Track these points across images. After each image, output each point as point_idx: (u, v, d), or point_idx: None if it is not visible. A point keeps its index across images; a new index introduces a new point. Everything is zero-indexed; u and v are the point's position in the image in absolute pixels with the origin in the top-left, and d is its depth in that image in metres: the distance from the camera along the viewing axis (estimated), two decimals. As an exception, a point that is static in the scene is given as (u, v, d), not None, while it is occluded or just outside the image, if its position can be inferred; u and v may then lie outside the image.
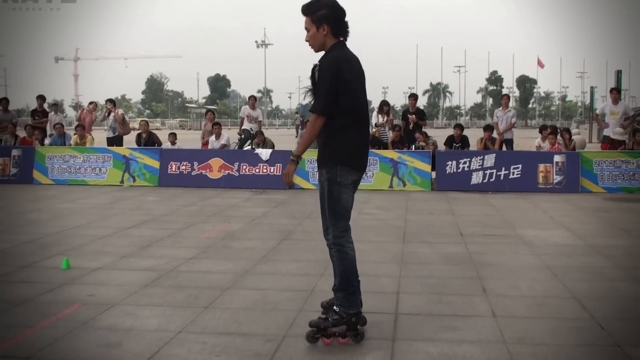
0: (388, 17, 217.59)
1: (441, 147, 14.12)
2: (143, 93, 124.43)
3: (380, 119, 14.84)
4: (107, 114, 15.94)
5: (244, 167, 13.26)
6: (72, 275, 5.70)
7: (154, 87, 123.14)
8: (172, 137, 15.36)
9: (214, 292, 5.14)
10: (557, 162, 12.50)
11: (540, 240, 7.43)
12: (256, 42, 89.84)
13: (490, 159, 12.69)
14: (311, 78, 4.03)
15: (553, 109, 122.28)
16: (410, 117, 14.61)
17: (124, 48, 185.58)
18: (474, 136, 15.77)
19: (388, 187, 12.79)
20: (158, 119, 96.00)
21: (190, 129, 75.14)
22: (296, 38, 4.06)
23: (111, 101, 16.25)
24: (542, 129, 14.63)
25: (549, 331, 4.23)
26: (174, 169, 13.49)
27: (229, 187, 13.01)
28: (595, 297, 5.06)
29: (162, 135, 17.54)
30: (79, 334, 4.18)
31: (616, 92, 14.74)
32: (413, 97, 15.37)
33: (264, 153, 13.38)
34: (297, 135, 33.59)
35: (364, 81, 4.13)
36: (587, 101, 68.78)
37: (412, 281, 5.54)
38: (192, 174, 13.39)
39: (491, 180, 12.60)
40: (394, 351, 3.87)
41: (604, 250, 6.90)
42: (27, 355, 3.80)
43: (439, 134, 20.09)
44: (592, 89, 43.40)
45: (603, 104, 18.10)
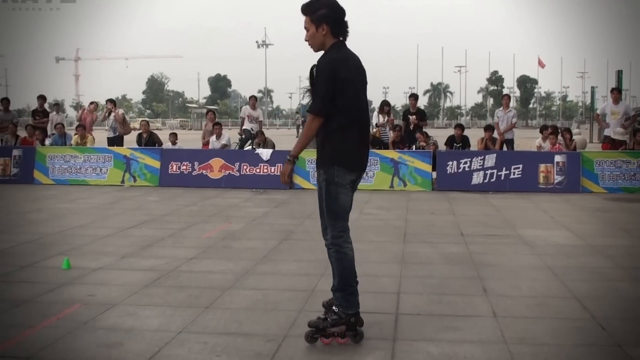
0: (388, 17, 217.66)
1: (442, 147, 14.11)
2: (144, 93, 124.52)
3: (380, 119, 14.85)
4: (107, 114, 15.94)
5: (245, 167, 13.27)
6: (72, 275, 5.70)
7: (155, 87, 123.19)
8: (173, 137, 15.38)
9: (214, 292, 5.14)
10: (557, 162, 12.50)
11: (541, 241, 7.43)
12: (257, 42, 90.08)
13: (491, 159, 12.68)
14: (309, 79, 4.03)
15: (554, 109, 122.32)
16: (411, 118, 14.61)
17: (124, 48, 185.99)
18: (474, 136, 15.77)
19: (389, 187, 12.79)
20: (159, 119, 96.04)
21: (191, 129, 75.18)
22: (297, 38, 4.05)
23: (111, 101, 16.26)
24: (542, 129, 14.63)
25: (549, 331, 4.23)
26: (174, 169, 13.50)
27: (229, 187, 13.01)
28: (595, 297, 5.06)
29: (163, 135, 17.54)
30: (79, 334, 4.18)
31: (617, 92, 14.73)
32: (413, 97, 15.39)
33: (265, 153, 13.38)
34: (298, 135, 33.60)
35: (364, 81, 4.10)
36: (588, 101, 68.71)
37: (413, 281, 5.54)
38: (193, 174, 13.39)
39: (492, 180, 12.59)
40: (394, 351, 3.87)
41: (604, 250, 6.90)
42: (28, 356, 3.80)
43: (439, 134, 20.06)
44: (592, 89, 43.34)
45: (604, 104, 18.10)
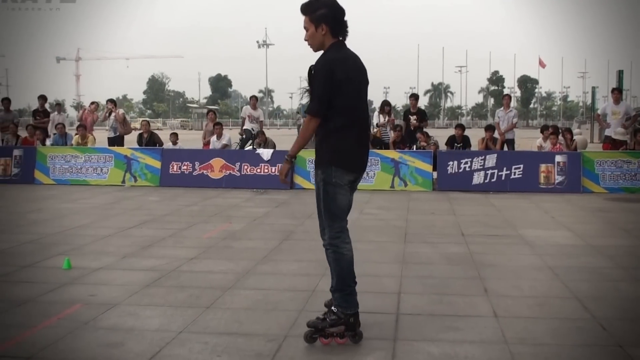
0: (389, 17, 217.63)
1: (442, 147, 14.11)
2: (144, 93, 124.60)
3: (381, 119, 14.85)
4: (107, 114, 15.95)
5: (245, 167, 13.27)
6: (73, 275, 5.70)
7: (156, 87, 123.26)
8: (174, 137, 15.39)
9: (215, 292, 5.14)
10: (558, 162, 12.49)
11: (541, 241, 7.43)
12: (257, 42, 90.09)
13: (491, 159, 12.68)
14: (308, 79, 4.03)
15: (554, 109, 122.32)
16: (412, 123, 14.58)
17: (125, 48, 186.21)
18: (475, 136, 15.77)
19: (389, 187, 12.79)
20: (159, 119, 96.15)
21: (192, 129, 75.26)
22: (297, 38, 4.04)
23: (112, 101, 16.27)
24: (543, 129, 14.63)
25: (550, 331, 4.23)
26: (175, 169, 13.50)
27: (230, 187, 13.01)
28: (596, 297, 5.06)
29: (164, 135, 17.54)
30: (80, 334, 4.18)
31: (618, 92, 14.72)
32: (414, 97, 15.37)
33: (265, 153, 13.38)
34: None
35: (364, 80, 4.09)
36: (589, 101, 68.78)
37: (414, 281, 5.53)
38: (194, 174, 13.40)
39: (492, 180, 12.59)
40: (395, 351, 3.87)
41: (605, 250, 6.89)
42: (29, 355, 3.80)
43: (440, 134, 20.07)
44: (593, 89, 43.28)
45: (604, 104, 18.09)
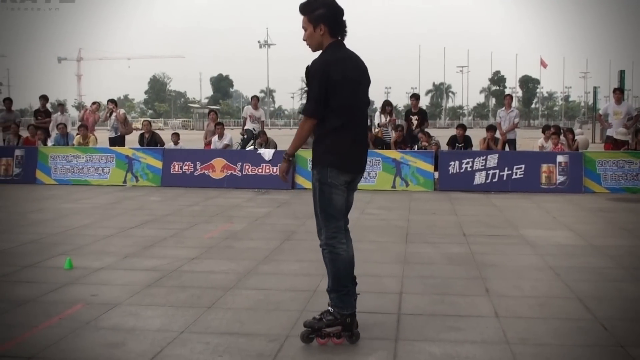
0: (390, 17, 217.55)
1: (444, 147, 14.11)
2: (146, 93, 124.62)
3: (383, 119, 14.85)
4: (108, 114, 15.96)
5: (247, 167, 13.27)
6: (75, 275, 5.71)
7: (157, 87, 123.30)
8: (175, 137, 15.40)
9: (216, 292, 5.14)
10: (560, 163, 12.48)
11: (543, 241, 7.42)
12: (259, 42, 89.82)
13: (493, 159, 12.68)
14: (305, 79, 4.03)
15: (556, 109, 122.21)
16: (412, 118, 14.59)
17: (126, 48, 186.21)
18: (476, 136, 15.75)
19: (391, 187, 12.79)
20: (161, 119, 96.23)
21: (193, 129, 75.26)
22: (299, 38, 4.04)
23: (112, 101, 16.28)
24: (545, 129, 14.64)
25: (551, 331, 4.22)
26: (176, 169, 13.51)
27: (231, 187, 13.02)
28: (598, 297, 5.05)
29: (165, 135, 17.54)
30: (81, 333, 4.18)
31: (619, 92, 14.71)
32: (415, 97, 15.34)
33: (267, 153, 13.38)
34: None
35: (364, 80, 4.07)
36: (590, 101, 68.74)
37: (415, 281, 5.53)
38: (195, 174, 13.40)
39: (494, 180, 12.59)
40: (396, 351, 3.87)
41: (607, 250, 6.89)
42: (30, 355, 3.80)
43: (441, 134, 20.07)
44: (595, 89, 43.26)
45: (606, 104, 18.05)
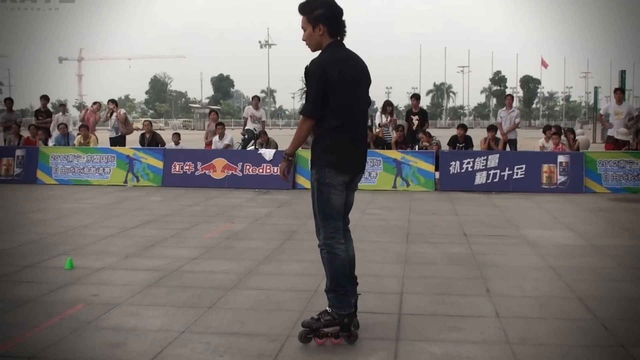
0: (391, 17, 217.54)
1: (445, 148, 14.11)
2: (147, 93, 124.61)
3: (383, 119, 14.84)
4: (109, 114, 15.97)
5: (248, 167, 13.27)
6: (75, 275, 5.71)
7: (158, 87, 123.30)
8: (176, 137, 15.40)
9: (217, 292, 5.14)
10: (560, 163, 12.48)
11: (543, 241, 7.42)
12: (259, 42, 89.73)
13: (493, 159, 12.67)
14: (304, 79, 4.03)
15: (557, 109, 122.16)
16: (413, 118, 14.58)
17: (127, 48, 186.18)
18: (477, 136, 15.75)
19: (391, 188, 12.79)
20: (162, 119, 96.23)
21: (194, 129, 75.26)
22: (300, 38, 4.05)
23: (113, 101, 16.30)
24: (545, 129, 14.64)
25: (552, 331, 4.22)
26: (177, 169, 13.51)
27: (232, 187, 13.02)
28: (598, 297, 5.05)
29: (166, 135, 17.55)
30: (82, 333, 4.18)
31: (620, 92, 14.71)
32: (415, 97, 15.31)
33: (268, 153, 13.38)
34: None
35: (363, 79, 4.07)
36: (591, 101, 68.62)
37: (416, 281, 5.53)
38: (196, 174, 13.40)
39: (495, 180, 12.58)
40: (397, 351, 3.87)
41: (607, 250, 6.89)
42: (31, 355, 3.81)
43: (442, 134, 20.05)
44: (596, 89, 43.21)
45: (607, 104, 18.08)
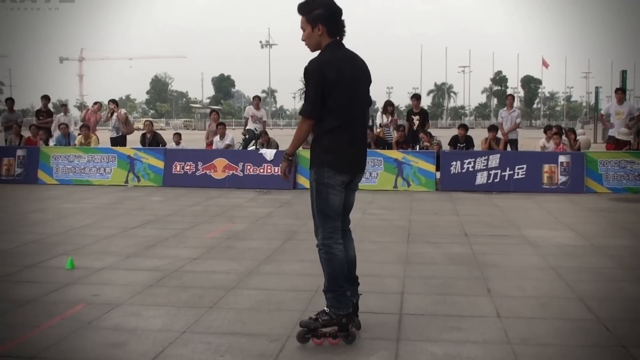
0: (392, 17, 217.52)
1: (445, 148, 14.10)
2: (147, 93, 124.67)
3: (384, 119, 14.83)
4: (110, 114, 15.98)
5: (249, 167, 13.28)
6: (76, 275, 5.71)
7: (159, 88, 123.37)
8: (177, 137, 15.41)
9: (218, 292, 5.14)
10: (561, 163, 12.48)
11: (544, 241, 7.42)
12: (260, 42, 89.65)
13: (494, 159, 12.67)
14: (303, 80, 4.03)
15: (558, 109, 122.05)
16: (414, 118, 14.58)
17: (128, 48, 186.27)
18: (478, 136, 15.76)
19: (392, 188, 12.79)
20: (162, 119, 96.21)
21: (195, 129, 75.24)
22: (300, 38, 4.05)
23: (114, 101, 16.30)
24: (546, 129, 14.64)
25: (553, 332, 4.22)
26: (178, 169, 13.52)
27: (233, 187, 13.02)
28: (599, 297, 5.05)
29: (167, 135, 17.56)
30: (83, 333, 4.18)
31: (621, 92, 14.70)
32: (415, 97, 15.25)
33: (268, 153, 13.39)
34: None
35: (363, 79, 4.07)
36: (592, 101, 68.65)
37: (417, 281, 5.53)
38: (197, 174, 13.40)
39: (496, 180, 12.58)
40: (398, 351, 3.87)
41: (608, 250, 6.88)
42: (32, 355, 3.81)
43: (443, 134, 20.06)
44: (597, 89, 43.21)
45: (608, 104, 18.08)
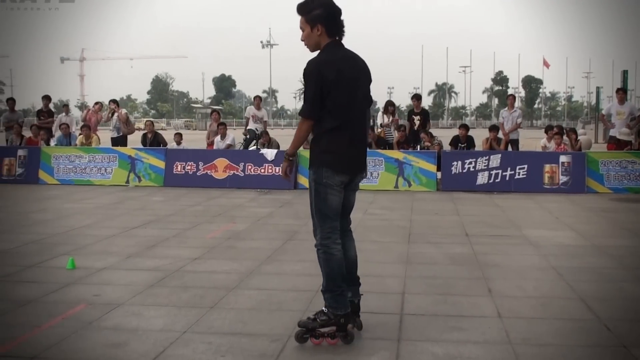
0: (393, 17, 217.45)
1: (446, 148, 14.10)
2: (148, 93, 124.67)
3: (385, 119, 14.83)
4: (110, 114, 15.99)
5: (249, 167, 13.28)
6: (77, 275, 5.71)
7: (160, 88, 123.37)
8: (178, 137, 15.42)
9: (219, 292, 5.14)
10: (562, 163, 12.47)
11: (545, 241, 7.41)
12: (261, 42, 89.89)
13: (495, 160, 12.67)
14: (303, 80, 4.04)
15: (559, 109, 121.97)
16: (415, 118, 14.58)
17: (129, 48, 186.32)
18: (479, 136, 15.75)
19: (393, 188, 12.78)
20: (163, 119, 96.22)
21: (196, 129, 75.21)
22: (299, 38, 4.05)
23: (114, 101, 16.31)
24: (547, 129, 14.63)
25: (554, 332, 4.22)
26: (179, 169, 13.52)
27: (234, 187, 13.02)
28: (600, 297, 5.05)
29: (168, 135, 17.57)
30: (84, 333, 4.19)
31: (622, 92, 14.72)
32: (416, 97, 15.21)
33: (269, 153, 13.39)
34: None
35: (363, 79, 4.07)
36: (593, 101, 68.63)
37: (418, 281, 5.53)
38: (198, 174, 13.41)
39: (497, 180, 12.58)
40: (399, 352, 3.87)
41: (609, 250, 6.88)
42: (32, 355, 3.81)
43: (444, 134, 20.06)
44: (598, 89, 43.28)
45: (609, 104, 18.07)
